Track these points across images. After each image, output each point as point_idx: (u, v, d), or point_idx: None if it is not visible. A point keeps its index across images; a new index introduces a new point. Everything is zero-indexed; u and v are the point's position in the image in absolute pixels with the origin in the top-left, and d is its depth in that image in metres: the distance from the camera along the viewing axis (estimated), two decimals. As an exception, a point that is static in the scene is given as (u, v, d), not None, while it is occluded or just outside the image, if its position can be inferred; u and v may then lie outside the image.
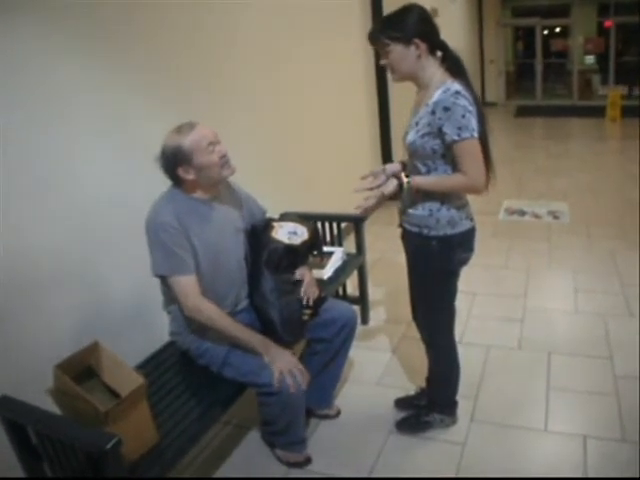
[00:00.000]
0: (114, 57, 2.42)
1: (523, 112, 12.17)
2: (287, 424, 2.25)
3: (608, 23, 13.60)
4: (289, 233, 2.31)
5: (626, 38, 13.86)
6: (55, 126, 2.15)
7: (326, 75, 4.53)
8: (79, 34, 2.24)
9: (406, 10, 2.04)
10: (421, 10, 2.06)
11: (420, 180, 2.10)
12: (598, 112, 10.57)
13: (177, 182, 2.12)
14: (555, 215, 5.31)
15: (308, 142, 4.28)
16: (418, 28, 2.01)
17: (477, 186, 2.03)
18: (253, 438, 2.59)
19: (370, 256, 3.52)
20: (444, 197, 2.10)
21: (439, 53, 2.08)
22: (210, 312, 2.09)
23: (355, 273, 3.37)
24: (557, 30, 15.69)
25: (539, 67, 13.79)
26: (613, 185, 6.19)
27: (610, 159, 7.73)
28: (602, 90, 12.81)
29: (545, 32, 14.65)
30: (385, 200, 2.19)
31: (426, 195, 2.11)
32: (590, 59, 14.50)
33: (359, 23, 5.12)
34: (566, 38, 15.06)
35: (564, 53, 15.08)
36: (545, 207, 5.53)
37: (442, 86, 1.99)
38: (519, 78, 15.74)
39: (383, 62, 2.11)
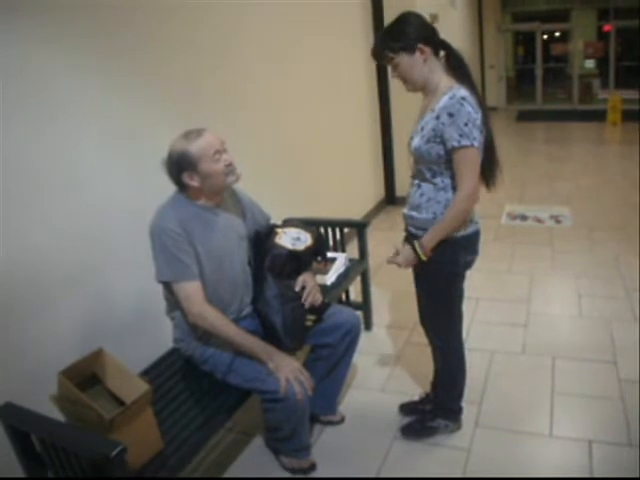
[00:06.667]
0: (117, 60, 2.41)
1: (524, 117, 12.18)
2: (292, 430, 2.24)
3: (608, 27, 13.63)
4: (293, 239, 2.30)
5: (626, 42, 13.90)
6: (58, 130, 2.15)
7: (329, 82, 4.54)
8: (81, 36, 2.23)
9: (402, 19, 2.07)
10: (416, 16, 2.08)
11: (428, 239, 2.09)
12: (599, 116, 10.58)
13: (182, 187, 2.12)
14: (557, 219, 5.30)
15: (311, 149, 4.28)
16: (418, 33, 2.03)
17: (471, 196, 2.03)
18: (257, 445, 2.58)
19: (373, 262, 3.51)
20: (448, 201, 2.09)
21: (442, 52, 2.09)
22: (214, 318, 2.08)
23: (358, 279, 3.36)
24: (557, 35, 15.76)
25: (539, 72, 13.79)
26: (615, 189, 6.18)
27: (611, 163, 7.73)
28: (602, 94, 12.83)
29: (545, 37, 14.70)
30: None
31: (430, 198, 2.11)
32: (590, 63, 14.53)
33: (361, 29, 5.14)
34: (566, 43, 15.11)
35: (564, 58, 15.14)
36: (547, 211, 5.53)
37: (449, 92, 2.00)
38: (519, 83, 15.80)
39: (394, 75, 2.13)
